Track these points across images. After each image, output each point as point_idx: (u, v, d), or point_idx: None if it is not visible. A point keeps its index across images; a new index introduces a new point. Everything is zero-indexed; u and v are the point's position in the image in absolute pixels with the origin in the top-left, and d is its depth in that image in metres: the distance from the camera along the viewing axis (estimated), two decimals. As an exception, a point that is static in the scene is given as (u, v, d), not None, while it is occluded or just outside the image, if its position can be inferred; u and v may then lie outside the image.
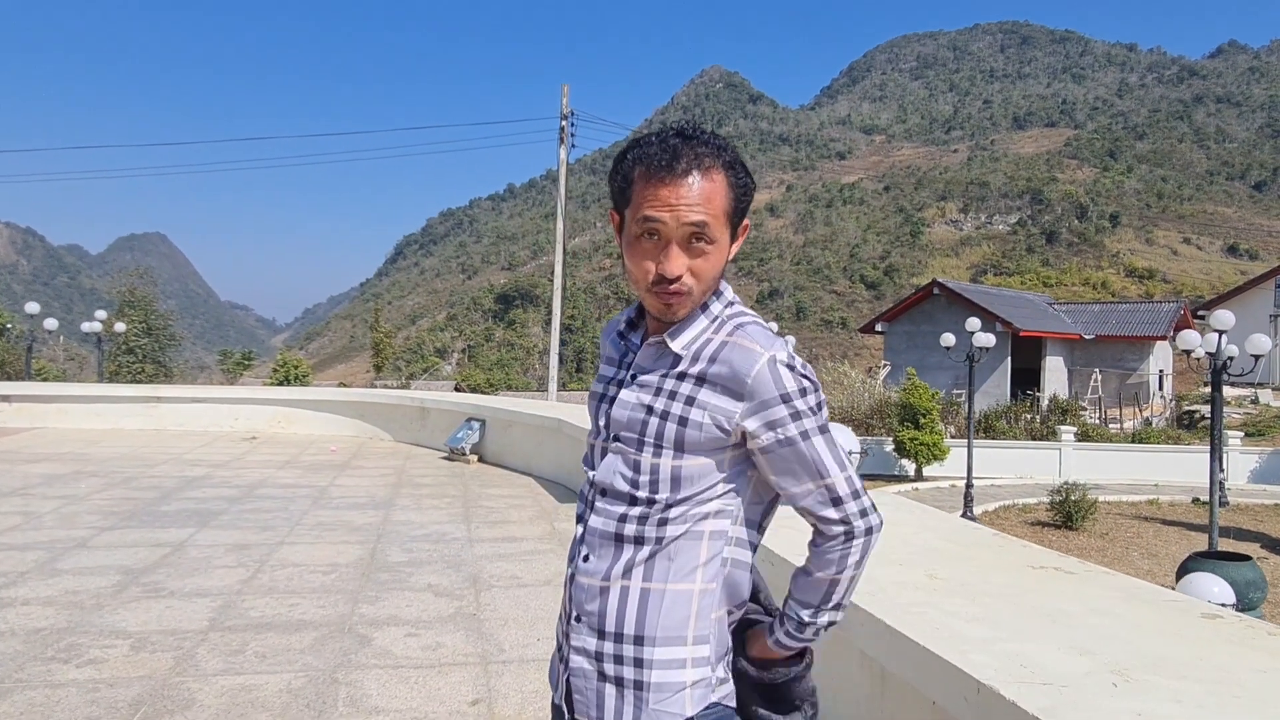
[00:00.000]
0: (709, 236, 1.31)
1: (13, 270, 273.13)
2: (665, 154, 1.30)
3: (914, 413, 18.51)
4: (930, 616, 2.44)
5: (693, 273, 1.33)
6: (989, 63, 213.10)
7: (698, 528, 1.35)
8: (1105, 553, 12.35)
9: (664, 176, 1.29)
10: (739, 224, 1.37)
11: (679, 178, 1.29)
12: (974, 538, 3.58)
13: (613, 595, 1.36)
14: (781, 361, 1.31)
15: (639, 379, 1.41)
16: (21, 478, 8.35)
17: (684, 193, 1.29)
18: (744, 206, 1.36)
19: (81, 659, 3.77)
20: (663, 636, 1.33)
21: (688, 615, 1.35)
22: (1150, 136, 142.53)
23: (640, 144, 1.34)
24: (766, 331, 1.35)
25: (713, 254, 1.33)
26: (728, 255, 1.37)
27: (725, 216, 1.33)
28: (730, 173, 1.33)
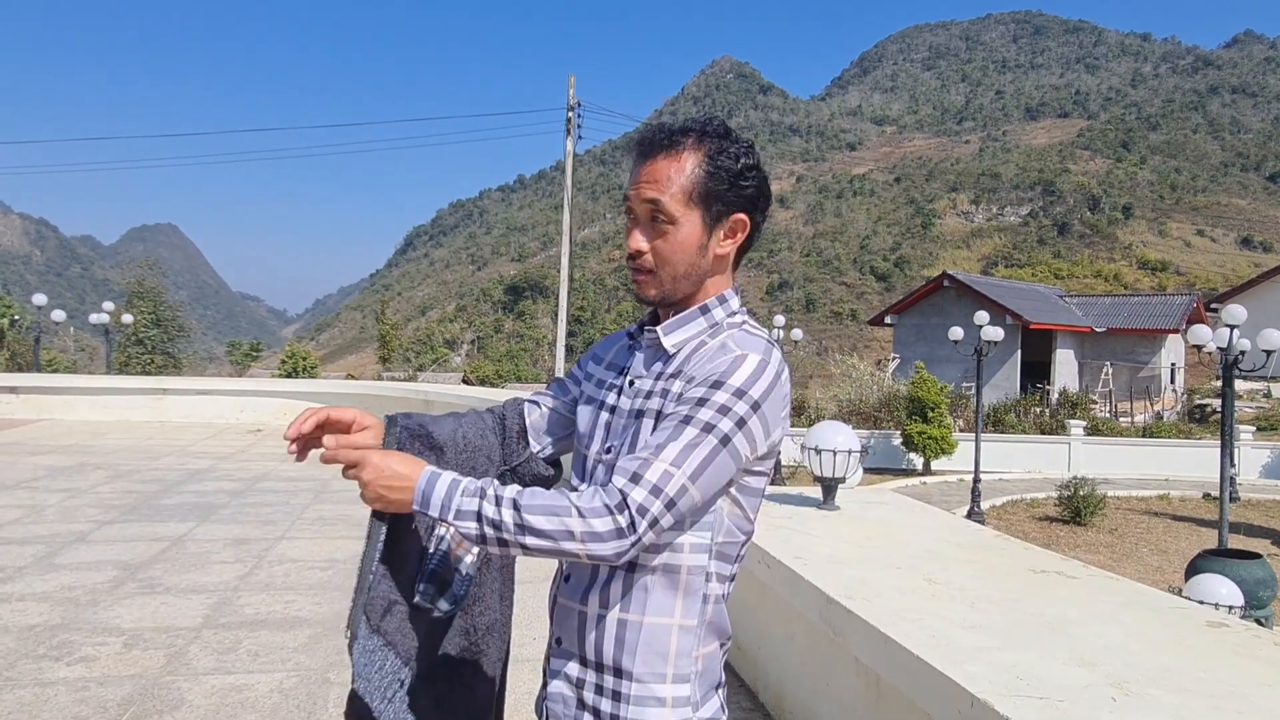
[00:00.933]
0: (667, 215, 1.29)
1: (26, 261, 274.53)
2: (645, 136, 1.34)
3: (922, 406, 18.39)
4: (926, 624, 2.38)
5: (655, 252, 1.31)
6: (1001, 53, 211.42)
7: (674, 561, 1.28)
8: (1114, 549, 12.23)
9: (636, 158, 1.34)
10: (717, 209, 1.31)
11: (646, 158, 1.32)
12: (975, 539, 3.51)
13: (590, 621, 1.31)
14: (756, 356, 1.25)
15: (635, 384, 1.36)
16: (26, 470, 8.36)
17: (646, 171, 1.31)
18: (720, 194, 1.30)
19: (73, 657, 3.74)
20: (640, 671, 1.27)
21: (665, 651, 1.28)
22: (1164, 127, 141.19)
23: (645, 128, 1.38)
24: (757, 338, 1.30)
25: (673, 235, 1.30)
26: (702, 242, 1.31)
27: (686, 196, 1.29)
28: (703, 156, 1.30)
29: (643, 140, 1.34)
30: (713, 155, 1.30)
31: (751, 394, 1.22)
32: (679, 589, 1.29)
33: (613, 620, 1.29)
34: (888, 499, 4.36)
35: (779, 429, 1.29)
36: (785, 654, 3.26)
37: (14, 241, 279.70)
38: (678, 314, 1.36)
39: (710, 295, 1.36)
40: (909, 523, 3.81)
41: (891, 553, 3.23)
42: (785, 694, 3.24)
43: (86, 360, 25.65)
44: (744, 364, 1.23)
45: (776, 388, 1.25)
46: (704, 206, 1.30)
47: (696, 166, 1.29)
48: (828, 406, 24.00)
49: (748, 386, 1.22)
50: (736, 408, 1.20)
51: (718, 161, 1.30)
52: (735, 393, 1.21)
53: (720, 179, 1.30)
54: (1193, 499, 16.89)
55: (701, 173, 1.29)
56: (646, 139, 1.33)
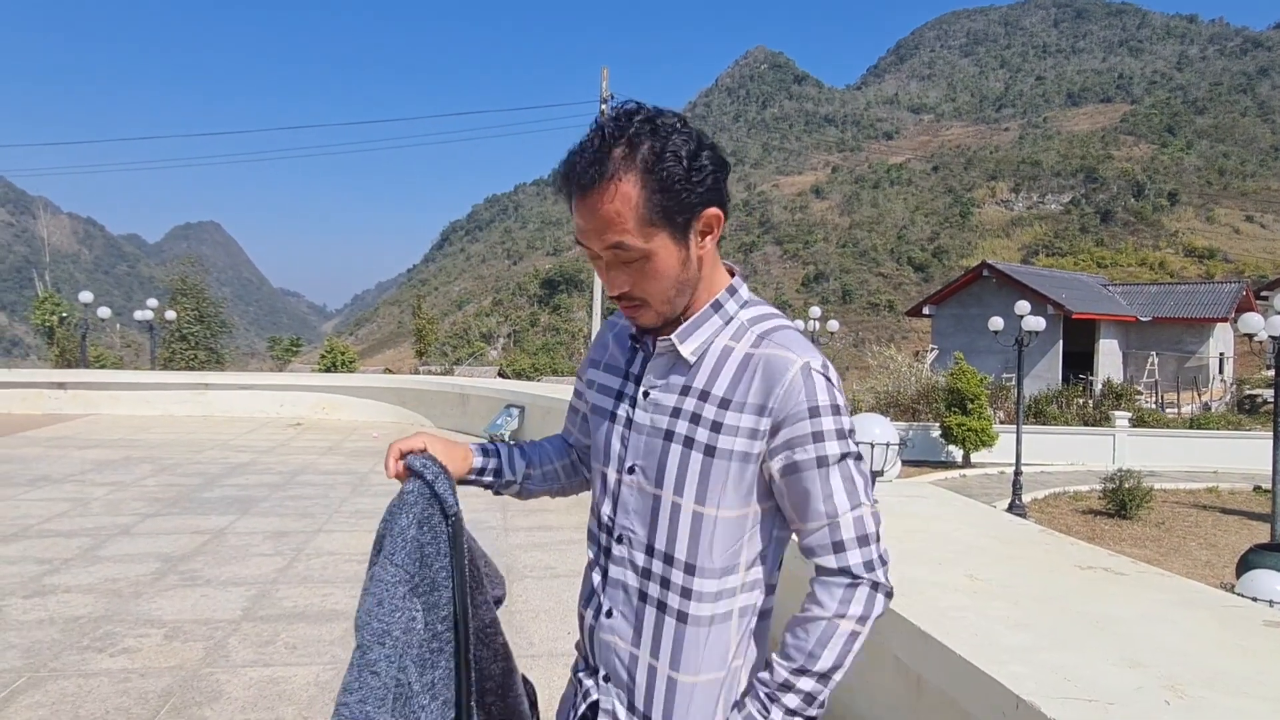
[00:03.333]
0: (635, 251, 1.17)
1: (75, 260, 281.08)
2: (568, 173, 1.18)
3: (962, 398, 18.10)
4: (969, 622, 2.32)
5: (638, 287, 1.21)
6: (1042, 38, 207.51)
7: (730, 606, 1.22)
8: (1161, 543, 11.95)
9: (573, 199, 1.18)
10: (682, 220, 1.17)
11: (583, 199, 1.16)
12: (1018, 534, 3.43)
13: (640, 673, 1.25)
14: (816, 369, 1.17)
15: (652, 396, 1.26)
16: (74, 464, 8.53)
17: (590, 216, 1.16)
18: (682, 201, 1.16)
19: (115, 648, 3.80)
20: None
21: (714, 707, 1.23)
22: (1211, 111, 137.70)
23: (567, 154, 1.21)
24: (799, 336, 1.21)
25: (650, 266, 1.18)
26: (682, 258, 1.20)
27: (646, 224, 1.15)
28: (642, 171, 1.14)
29: (568, 177, 1.17)
30: (652, 166, 1.14)
31: (839, 402, 1.19)
32: (731, 635, 1.24)
33: (663, 677, 1.23)
34: (926, 492, 4.27)
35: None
36: (823, 651, 3.20)
37: (63, 241, 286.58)
38: (688, 318, 1.25)
39: (717, 289, 1.26)
40: (949, 517, 3.73)
41: (932, 548, 3.16)
42: (823, 691, 3.18)
43: (132, 356, 26.16)
44: (813, 380, 1.17)
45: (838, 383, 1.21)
46: (668, 224, 1.17)
47: (641, 188, 1.14)
48: (865, 398, 23.77)
49: (834, 399, 1.18)
50: (844, 423, 1.18)
51: (661, 171, 1.14)
52: (833, 410, 1.17)
53: (672, 189, 1.15)
54: (1243, 492, 16.47)
55: (649, 192, 1.14)
56: (573, 175, 1.17)
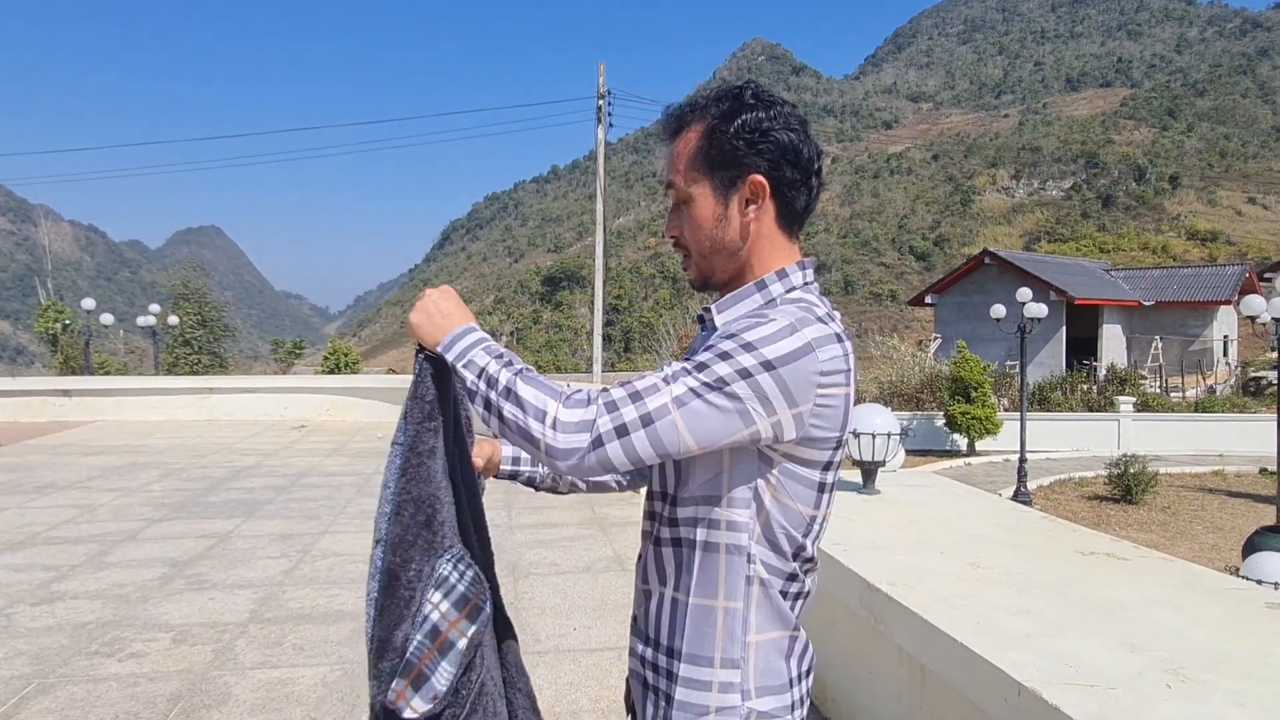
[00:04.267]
0: (682, 195, 1.28)
1: (78, 267, 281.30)
2: (665, 116, 1.33)
3: (965, 386, 18.07)
4: (972, 610, 2.32)
5: (685, 233, 1.30)
6: (1039, 23, 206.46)
7: (714, 539, 1.24)
8: (1167, 527, 11.94)
9: (663, 145, 1.33)
10: (722, 175, 1.23)
11: (668, 140, 1.31)
12: (1021, 522, 3.43)
13: (652, 601, 1.31)
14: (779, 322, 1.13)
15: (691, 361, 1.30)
16: (80, 470, 8.57)
17: (668, 155, 1.30)
18: (725, 154, 1.22)
19: (124, 653, 3.82)
20: (688, 653, 1.25)
21: (713, 634, 1.24)
22: (1211, 93, 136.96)
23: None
24: (796, 309, 1.18)
25: (690, 213, 1.27)
26: (719, 213, 1.25)
27: (692, 169, 1.25)
28: (707, 122, 1.24)
29: (664, 121, 1.32)
30: (716, 119, 1.23)
31: (763, 351, 1.11)
32: (720, 568, 1.24)
33: (667, 599, 1.28)
34: (929, 481, 4.28)
35: (809, 405, 1.14)
36: (827, 642, 3.21)
37: (65, 248, 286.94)
38: (732, 291, 1.28)
39: (768, 269, 1.27)
40: (951, 506, 3.73)
41: (934, 537, 3.17)
42: (828, 683, 3.19)
43: (136, 362, 26.22)
44: (765, 324, 1.13)
45: (804, 359, 1.12)
46: (709, 175, 1.24)
47: (700, 136, 1.25)
48: (869, 388, 23.74)
49: (762, 345, 1.11)
50: (741, 358, 1.10)
51: (719, 125, 1.22)
52: (744, 345, 1.11)
53: (720, 142, 1.22)
54: (1249, 474, 16.43)
55: (703, 141, 1.24)
56: (666, 119, 1.32)
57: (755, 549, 1.23)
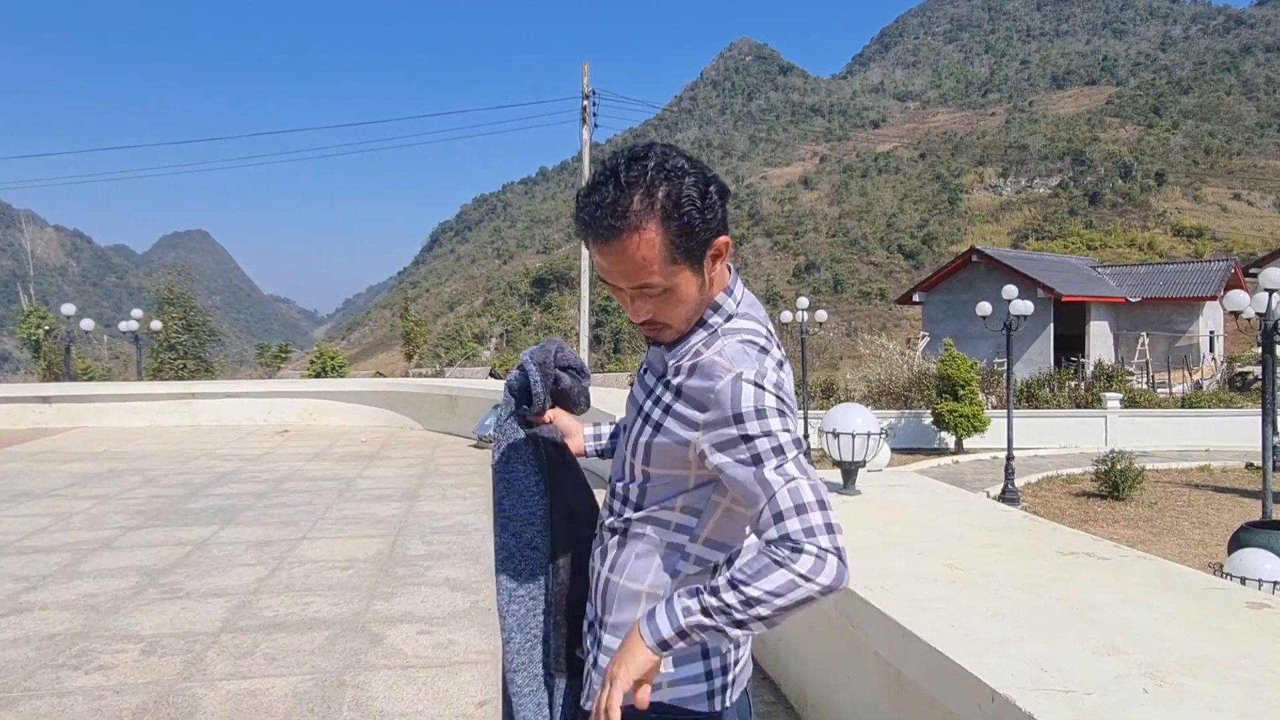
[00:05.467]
0: (658, 287, 1.29)
1: (63, 272, 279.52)
2: (590, 221, 1.27)
3: (953, 384, 18.07)
4: (946, 614, 2.27)
5: (661, 313, 1.33)
6: (1025, 21, 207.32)
7: (658, 535, 1.37)
8: (1154, 523, 11.94)
9: (595, 245, 1.28)
10: (699, 254, 1.29)
11: (607, 246, 1.27)
12: (1001, 521, 3.39)
13: (596, 578, 1.45)
14: (747, 379, 1.24)
15: (644, 377, 1.45)
16: (56, 478, 8.45)
17: (615, 261, 1.27)
18: (700, 239, 1.28)
19: (91, 665, 3.73)
20: (613, 623, 1.39)
21: (635, 613, 1.36)
22: (1196, 90, 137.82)
23: (580, 196, 1.30)
24: (744, 349, 1.28)
25: (673, 294, 1.30)
26: (700, 281, 1.32)
27: (670, 262, 1.27)
28: (664, 221, 1.25)
29: (590, 226, 1.27)
30: (671, 212, 1.25)
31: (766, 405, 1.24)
32: (654, 559, 1.37)
33: (603, 577, 1.42)
34: (910, 481, 4.23)
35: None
36: (806, 647, 3.16)
37: (50, 254, 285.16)
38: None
39: (698, 313, 1.36)
40: (932, 505, 3.69)
41: (913, 538, 3.12)
42: (807, 688, 3.14)
43: (121, 368, 25.99)
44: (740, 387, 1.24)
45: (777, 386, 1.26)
46: (689, 260, 1.28)
47: (663, 234, 1.25)
48: (857, 387, 23.77)
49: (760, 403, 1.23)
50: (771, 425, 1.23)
51: (681, 216, 1.25)
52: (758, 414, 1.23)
53: (692, 230, 1.26)
54: (1235, 469, 16.48)
55: (671, 236, 1.25)
56: (595, 223, 1.26)
57: (693, 547, 1.36)
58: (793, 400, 1.29)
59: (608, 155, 1.32)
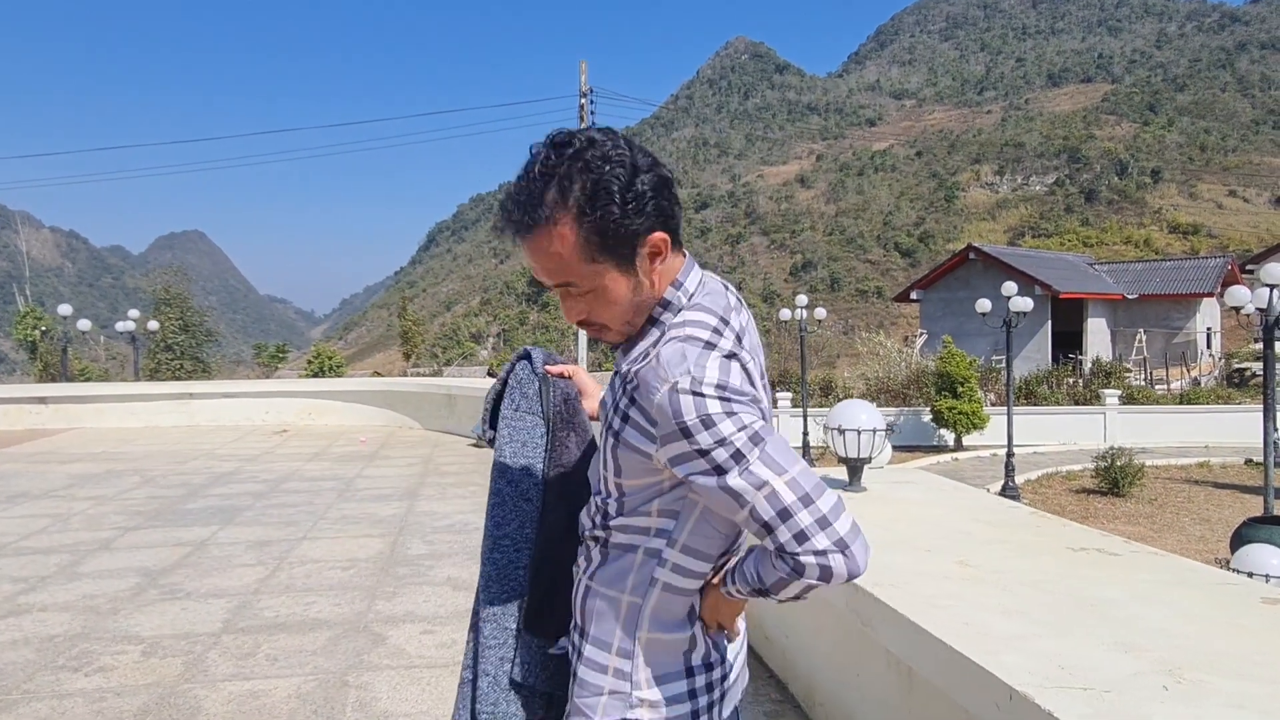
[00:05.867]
0: (583, 286, 1.23)
1: (59, 274, 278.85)
2: (505, 218, 1.24)
3: (951, 381, 18.06)
4: (959, 611, 2.25)
5: (595, 314, 1.28)
6: (1020, 19, 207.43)
7: (634, 541, 1.31)
8: (1155, 519, 11.94)
9: (516, 240, 1.24)
10: (624, 251, 1.21)
11: (525, 242, 1.22)
12: (1008, 517, 3.36)
13: (577, 585, 1.40)
14: (682, 390, 1.13)
15: (613, 381, 1.35)
16: (55, 479, 8.41)
17: (535, 258, 1.23)
18: (621, 237, 1.19)
19: (91, 667, 3.70)
20: (593, 635, 1.34)
21: (614, 624, 1.32)
22: (1191, 88, 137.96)
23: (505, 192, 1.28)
24: (683, 351, 1.17)
25: (604, 295, 1.24)
26: (635, 280, 1.24)
27: (588, 261, 1.20)
28: (579, 216, 1.17)
29: (508, 220, 1.23)
30: (585, 207, 1.17)
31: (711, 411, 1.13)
32: (632, 566, 1.31)
33: (582, 585, 1.37)
34: (915, 478, 4.21)
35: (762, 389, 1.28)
36: (814, 645, 3.13)
37: (46, 255, 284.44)
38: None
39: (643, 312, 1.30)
40: (939, 502, 3.66)
41: (921, 535, 3.09)
42: (816, 686, 3.11)
43: (118, 368, 25.92)
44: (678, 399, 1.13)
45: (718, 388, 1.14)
46: (612, 258, 1.21)
47: (577, 230, 1.18)
48: (856, 385, 23.76)
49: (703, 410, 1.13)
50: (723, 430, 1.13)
51: (596, 211, 1.17)
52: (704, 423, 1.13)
53: (608, 228, 1.18)
54: (1234, 465, 16.48)
55: (587, 233, 1.18)
56: (510, 218, 1.22)
57: (670, 553, 1.29)
58: (747, 389, 1.18)
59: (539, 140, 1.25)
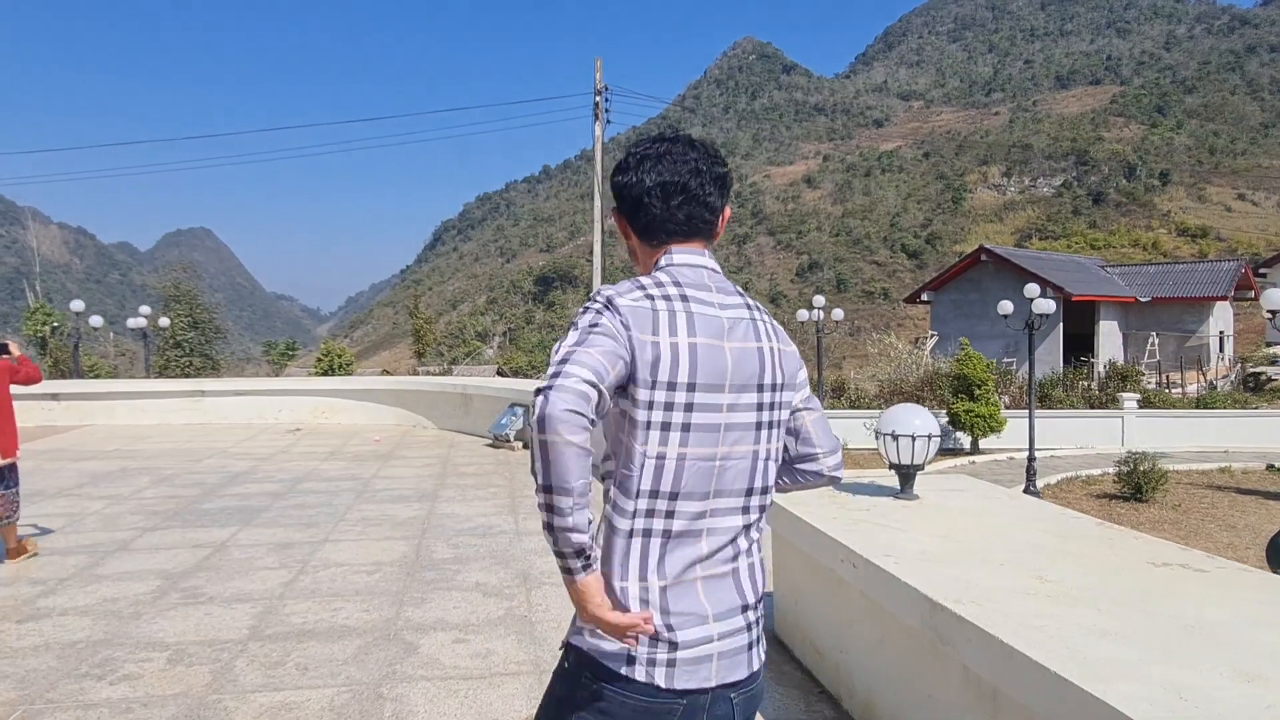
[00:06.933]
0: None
1: (67, 270, 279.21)
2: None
3: (969, 384, 17.85)
4: (1053, 631, 2.11)
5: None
6: (1029, 21, 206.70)
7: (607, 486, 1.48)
8: (1180, 526, 11.76)
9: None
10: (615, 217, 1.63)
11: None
12: (1076, 528, 3.22)
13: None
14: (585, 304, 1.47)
15: None
16: (68, 477, 8.30)
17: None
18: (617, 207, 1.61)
19: (116, 675, 3.58)
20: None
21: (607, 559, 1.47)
22: (1200, 90, 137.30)
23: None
24: (608, 287, 1.46)
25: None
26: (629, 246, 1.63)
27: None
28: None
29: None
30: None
31: (577, 320, 1.41)
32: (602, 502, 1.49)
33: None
34: (965, 485, 4.06)
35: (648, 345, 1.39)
36: (875, 661, 2.99)
37: (54, 251, 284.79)
38: None
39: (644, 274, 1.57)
40: (997, 511, 3.52)
41: (988, 547, 2.95)
42: (875, 703, 2.97)
43: (127, 365, 25.85)
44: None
45: (599, 294, 1.44)
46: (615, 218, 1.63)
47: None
48: (867, 387, 23.56)
49: (577, 317, 1.42)
50: (578, 320, 1.40)
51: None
52: (572, 323, 1.41)
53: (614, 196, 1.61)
54: (1256, 471, 16.28)
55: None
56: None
57: (613, 491, 1.44)
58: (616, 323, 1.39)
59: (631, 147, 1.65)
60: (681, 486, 1.41)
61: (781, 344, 1.55)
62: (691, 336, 1.40)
